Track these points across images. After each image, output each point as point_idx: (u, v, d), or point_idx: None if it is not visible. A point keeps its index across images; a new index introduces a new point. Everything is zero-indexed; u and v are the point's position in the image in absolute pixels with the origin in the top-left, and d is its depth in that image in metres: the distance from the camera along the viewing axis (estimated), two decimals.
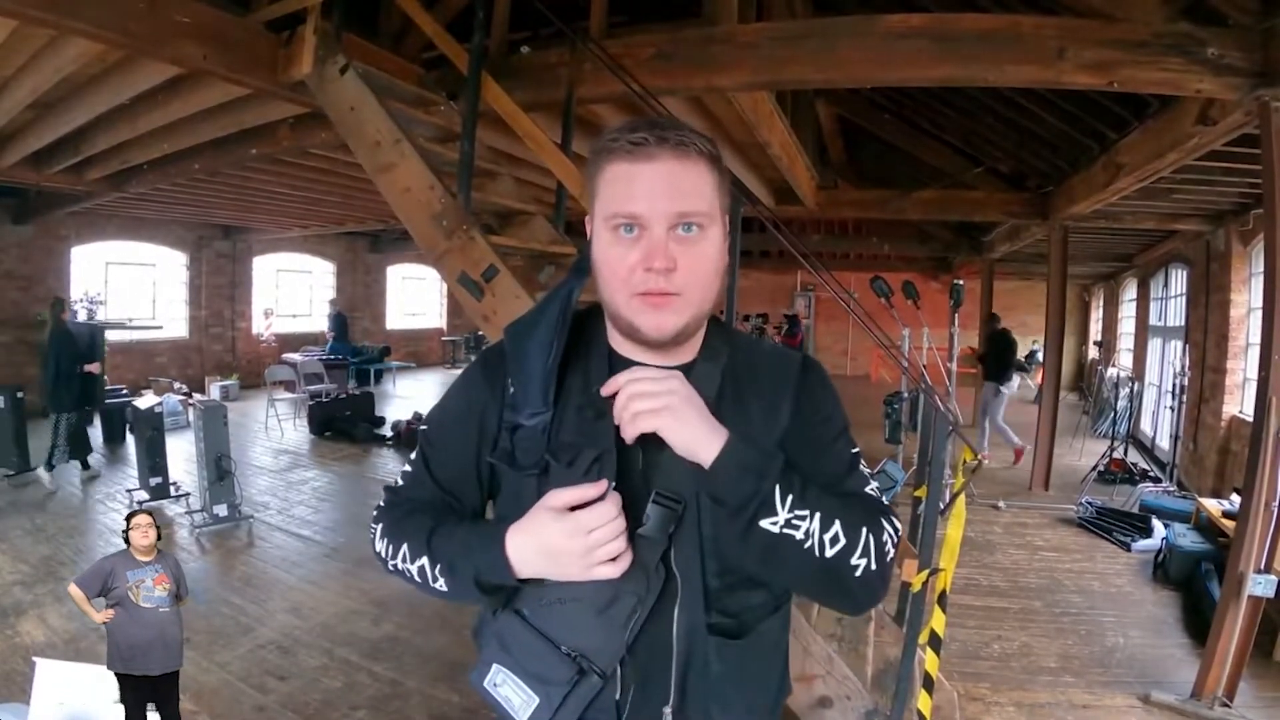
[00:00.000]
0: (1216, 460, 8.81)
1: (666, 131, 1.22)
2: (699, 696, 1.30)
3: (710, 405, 1.27)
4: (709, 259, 1.27)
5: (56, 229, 12.73)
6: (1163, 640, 5.60)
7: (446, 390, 1.53)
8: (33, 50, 5.30)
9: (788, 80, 5.20)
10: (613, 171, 1.24)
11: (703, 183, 1.25)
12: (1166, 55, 4.30)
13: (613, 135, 1.25)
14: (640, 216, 1.21)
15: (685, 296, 1.24)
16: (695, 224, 1.23)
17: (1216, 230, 8.96)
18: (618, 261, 1.24)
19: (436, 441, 1.48)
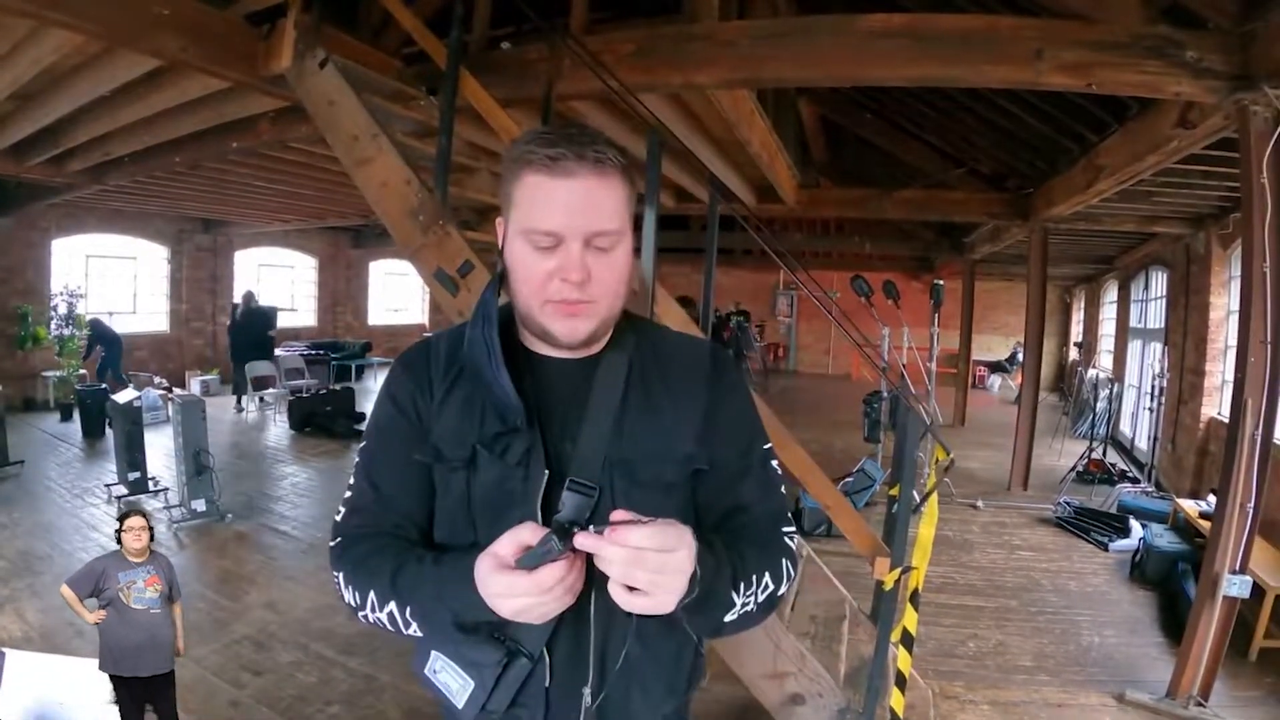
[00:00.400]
0: (1195, 461, 8.86)
1: (584, 148, 1.24)
2: (618, 677, 1.34)
3: (615, 396, 1.35)
4: (619, 269, 1.31)
5: (36, 221, 12.62)
6: (1138, 639, 5.63)
7: (374, 406, 1.52)
8: (13, 41, 5.25)
9: (767, 78, 5.21)
10: (530, 183, 1.26)
11: (617, 200, 1.28)
12: (1145, 58, 4.32)
13: (530, 147, 1.26)
14: (557, 233, 1.24)
15: (597, 304, 1.29)
16: (609, 238, 1.27)
17: (1196, 233, 9.01)
18: (533, 270, 1.27)
19: (376, 453, 1.47)
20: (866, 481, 8.56)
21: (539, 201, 1.24)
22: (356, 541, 1.40)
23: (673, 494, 1.38)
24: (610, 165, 1.26)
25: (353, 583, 1.34)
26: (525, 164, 1.25)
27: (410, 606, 1.27)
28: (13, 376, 12.01)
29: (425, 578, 1.27)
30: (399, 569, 1.29)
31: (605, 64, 4.76)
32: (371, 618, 1.31)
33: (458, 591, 1.20)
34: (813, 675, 3.36)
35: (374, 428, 1.48)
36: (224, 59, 4.71)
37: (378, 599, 1.29)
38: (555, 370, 1.40)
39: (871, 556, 4.04)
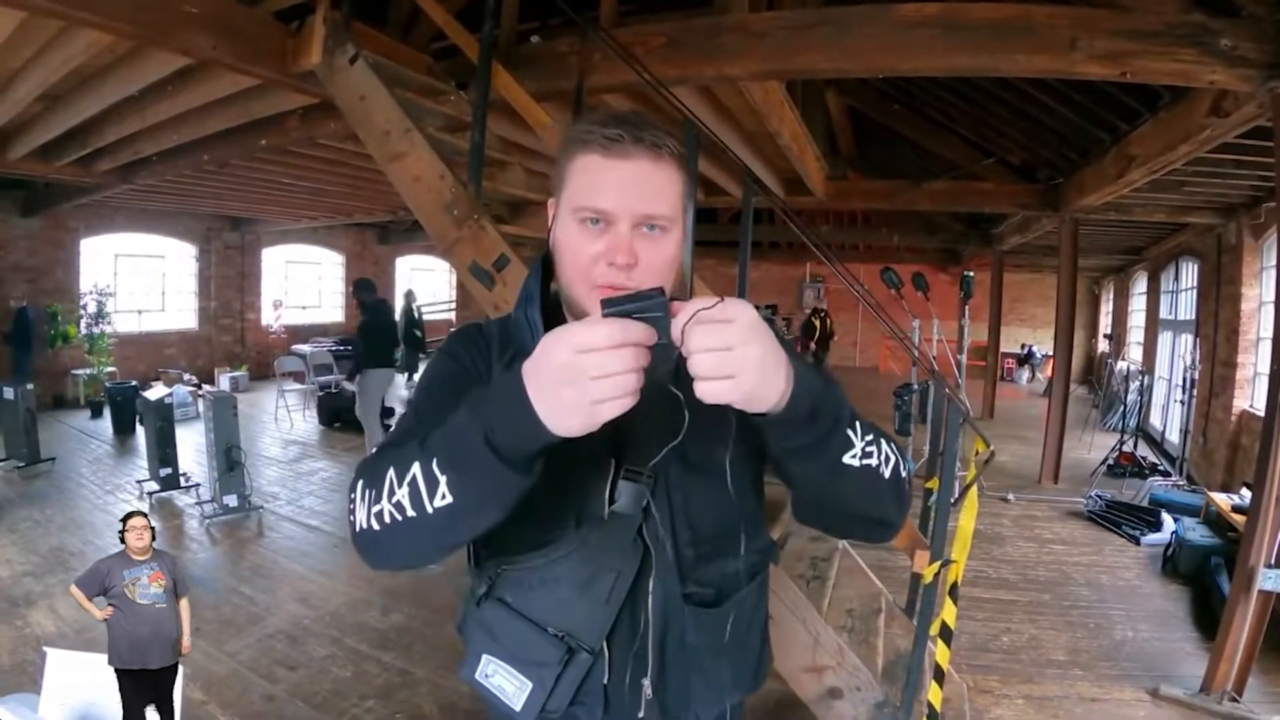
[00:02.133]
0: (1226, 454, 8.78)
1: (642, 131, 1.23)
2: (679, 668, 1.32)
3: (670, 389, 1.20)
4: (668, 258, 1.27)
5: (65, 221, 12.72)
6: (1172, 634, 5.57)
7: (425, 369, 1.47)
8: (42, 42, 5.29)
9: (798, 69, 5.18)
10: (585, 162, 1.25)
11: (671, 185, 1.26)
12: (1179, 46, 4.26)
13: (588, 127, 1.25)
14: (608, 212, 1.22)
15: None
16: (659, 225, 1.25)
17: (1228, 223, 8.91)
18: (581, 251, 1.25)
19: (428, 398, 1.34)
20: None
21: (592, 180, 1.24)
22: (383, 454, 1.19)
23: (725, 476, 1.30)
24: (668, 152, 1.25)
25: (368, 480, 1.16)
26: (581, 144, 1.25)
27: (438, 454, 1.06)
28: (43, 374, 12.09)
29: (458, 414, 1.07)
30: (429, 434, 1.10)
31: (636, 56, 4.75)
32: (388, 511, 1.10)
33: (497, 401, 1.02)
34: (851, 669, 3.35)
35: (428, 380, 1.40)
36: (253, 56, 4.73)
37: (396, 471, 1.09)
38: None
39: (910, 550, 4.01)
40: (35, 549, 6.43)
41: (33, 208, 12.02)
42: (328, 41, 4.61)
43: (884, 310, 4.66)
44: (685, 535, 1.31)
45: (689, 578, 1.31)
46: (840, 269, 4.63)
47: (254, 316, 16.42)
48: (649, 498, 1.27)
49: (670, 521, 1.30)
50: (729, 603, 1.35)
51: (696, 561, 1.31)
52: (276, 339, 16.54)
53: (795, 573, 3.86)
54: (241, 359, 15.74)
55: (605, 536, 1.27)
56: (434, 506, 1.06)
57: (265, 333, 16.63)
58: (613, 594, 1.27)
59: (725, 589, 1.35)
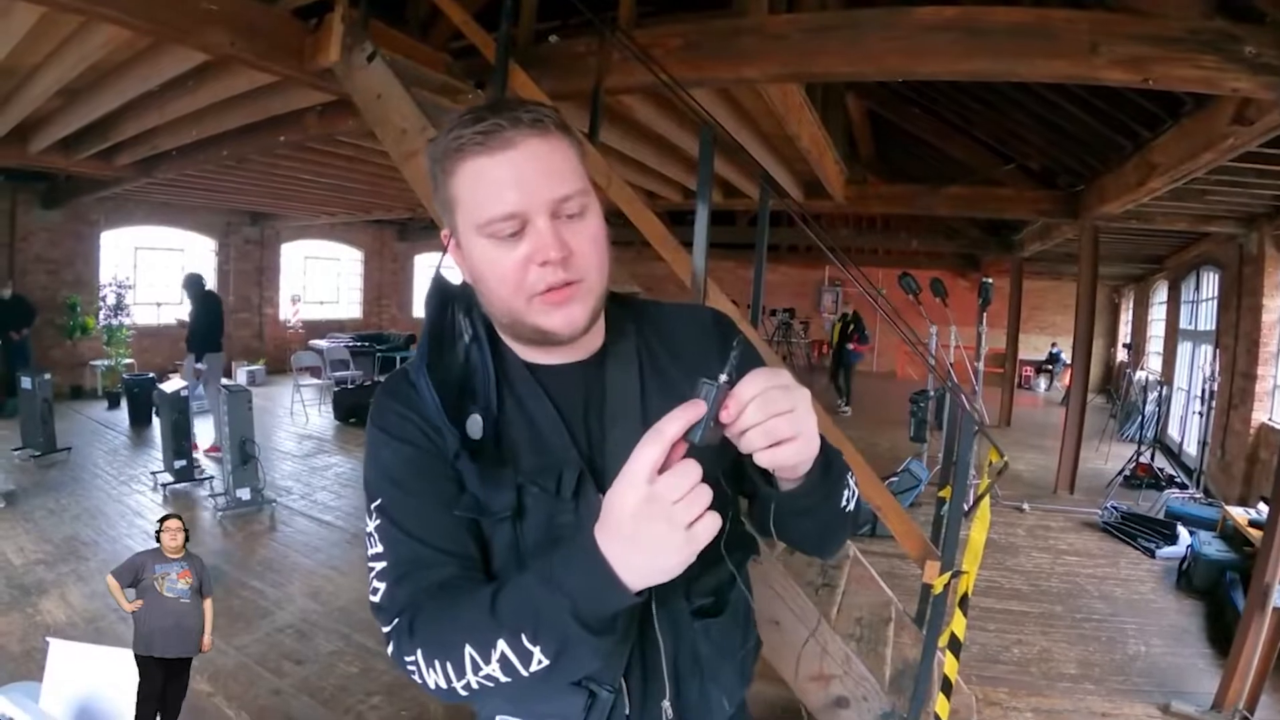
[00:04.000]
0: (1244, 468, 8.69)
1: (516, 110, 1.11)
2: (694, 681, 1.28)
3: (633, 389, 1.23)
4: (599, 237, 1.17)
5: (86, 214, 12.85)
6: (1184, 649, 5.51)
7: (370, 450, 1.25)
8: (62, 36, 5.34)
9: (817, 72, 5.15)
10: (470, 170, 1.11)
11: (569, 159, 1.14)
12: (1202, 52, 4.20)
13: (454, 134, 1.12)
14: (520, 213, 1.09)
15: (586, 282, 1.15)
16: (576, 205, 1.13)
17: (1249, 233, 8.81)
18: (504, 267, 1.12)
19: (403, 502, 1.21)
20: (911, 482, 8.47)
21: (486, 187, 1.10)
22: (422, 607, 1.12)
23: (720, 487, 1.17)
24: (550, 123, 1.13)
25: (438, 652, 1.07)
26: (456, 153, 1.12)
27: (524, 629, 1.00)
28: (61, 365, 12.22)
29: (525, 585, 1.03)
30: (495, 595, 1.04)
31: (654, 58, 4.74)
32: (476, 682, 1.04)
33: (573, 570, 0.98)
34: (858, 679, 3.32)
35: (386, 477, 1.22)
36: (272, 53, 4.74)
37: (477, 649, 1.02)
38: (561, 380, 1.25)
39: (921, 560, 3.97)
40: (49, 538, 6.47)
41: (54, 200, 12.15)
42: (345, 39, 4.62)
43: (901, 316, 4.63)
44: None
45: (693, 591, 1.27)
46: (857, 274, 4.60)
47: (272, 311, 16.53)
48: None
49: None
50: (729, 606, 1.32)
51: (701, 573, 1.24)
52: (294, 334, 16.64)
53: (805, 579, 3.83)
54: (259, 353, 15.83)
55: None
56: (530, 672, 1.01)
57: (283, 327, 16.72)
58: (628, 627, 1.18)
59: (722, 594, 1.32)
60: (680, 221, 10.10)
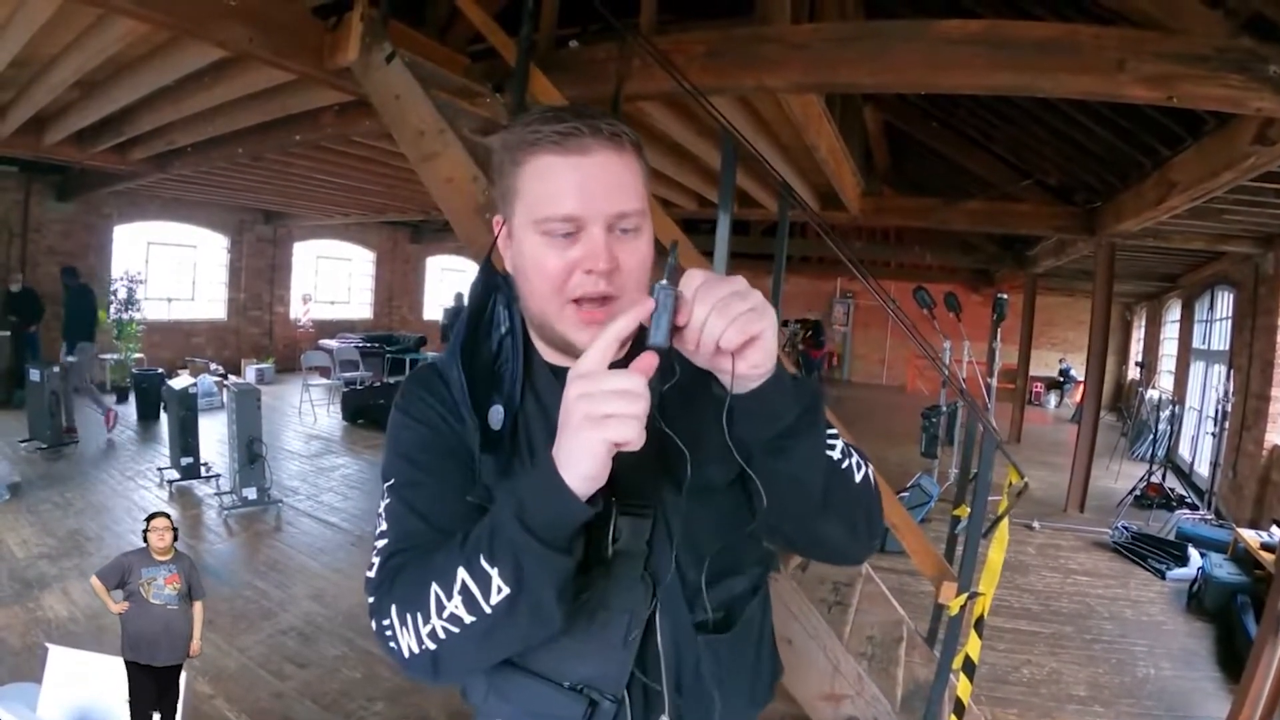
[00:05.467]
0: (1256, 489, 8.61)
1: (598, 120, 1.12)
2: (696, 698, 1.24)
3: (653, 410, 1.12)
4: (646, 258, 1.18)
5: (99, 207, 12.88)
6: (1194, 673, 5.45)
7: (390, 433, 1.30)
8: (79, 29, 5.34)
9: (839, 83, 5.13)
10: (539, 166, 1.13)
11: (637, 177, 1.16)
12: (1228, 71, 4.15)
13: (533, 126, 1.13)
14: (578, 217, 1.11)
15: (622, 299, 1.14)
16: (633, 224, 1.14)
17: (1266, 253, 8.76)
18: (550, 266, 1.13)
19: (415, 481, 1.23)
20: (923, 498, 8.42)
21: (552, 184, 1.11)
22: (404, 568, 1.13)
23: (721, 495, 1.22)
24: (627, 140, 1.15)
25: (409, 603, 1.08)
26: (529, 146, 1.13)
27: (481, 548, 1.02)
28: None
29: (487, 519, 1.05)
30: (463, 539, 1.06)
31: (675, 64, 4.71)
32: (441, 626, 1.04)
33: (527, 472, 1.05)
34: (870, 699, 3.28)
35: (402, 457, 1.25)
36: (290, 51, 4.73)
37: (441, 584, 1.04)
38: None
39: (936, 579, 3.93)
40: (53, 531, 6.45)
41: (68, 192, 12.18)
42: (364, 39, 4.60)
43: (917, 329, 4.59)
44: (689, 558, 1.21)
45: (697, 604, 1.23)
46: (874, 286, 4.56)
47: (283, 310, 16.58)
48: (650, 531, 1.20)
49: (672, 550, 1.19)
50: (740, 623, 1.27)
51: (707, 584, 1.22)
52: (304, 333, 16.65)
53: (817, 597, 3.80)
54: (269, 351, 15.87)
55: (612, 578, 1.19)
56: (492, 604, 1.01)
57: (293, 326, 16.76)
58: (629, 636, 1.19)
59: (734, 609, 1.27)
60: (695, 230, 10.05)
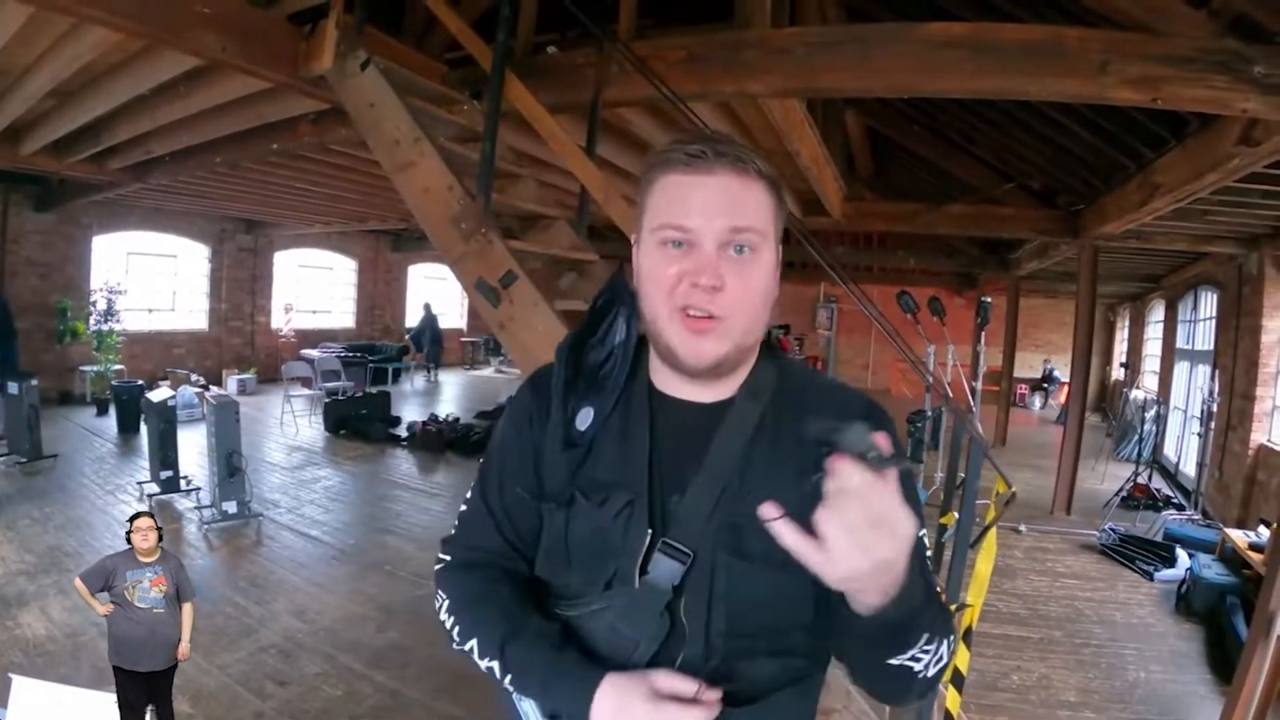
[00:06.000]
0: (1242, 489, 8.65)
1: (725, 146, 1.16)
2: None
3: (734, 455, 1.20)
4: (759, 283, 1.18)
5: (78, 217, 12.76)
6: (1185, 676, 5.44)
7: (497, 429, 1.44)
8: (53, 37, 5.27)
9: (822, 87, 5.07)
10: (666, 183, 1.19)
11: (759, 203, 1.18)
12: (1213, 72, 4.13)
13: (667, 148, 1.19)
14: (692, 230, 1.15)
15: (728, 322, 1.16)
16: (748, 244, 1.16)
17: (1250, 254, 8.79)
18: (662, 273, 1.17)
19: (491, 472, 1.40)
20: None
21: (673, 198, 1.17)
22: (466, 569, 1.36)
23: (781, 572, 1.11)
24: (752, 168, 1.17)
25: (457, 620, 1.31)
26: (662, 165, 1.19)
27: (512, 677, 1.23)
28: (51, 370, 12.14)
29: (535, 663, 1.21)
30: (509, 635, 1.24)
31: (655, 70, 4.66)
32: (466, 652, 1.28)
33: (566, 695, 1.18)
34: (857, 714, 3.23)
35: (494, 445, 1.42)
36: (265, 59, 4.66)
37: (479, 650, 1.26)
38: (680, 414, 1.28)
39: None
40: (31, 547, 6.37)
41: (47, 203, 12.10)
42: (340, 46, 4.53)
43: (899, 335, 4.55)
44: (719, 624, 1.18)
45: (715, 667, 1.18)
46: (856, 291, 4.52)
47: (264, 320, 16.49)
48: (683, 577, 1.18)
49: (707, 606, 1.18)
50: (762, 703, 1.20)
51: (727, 655, 1.19)
52: (286, 343, 16.57)
53: None
54: (250, 362, 15.76)
55: (631, 604, 1.20)
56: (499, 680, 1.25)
57: (275, 336, 16.65)
58: (632, 658, 1.19)
59: (759, 688, 1.21)
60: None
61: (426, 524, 7.81)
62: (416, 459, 10.77)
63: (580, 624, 1.25)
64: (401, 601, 5.77)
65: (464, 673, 4.62)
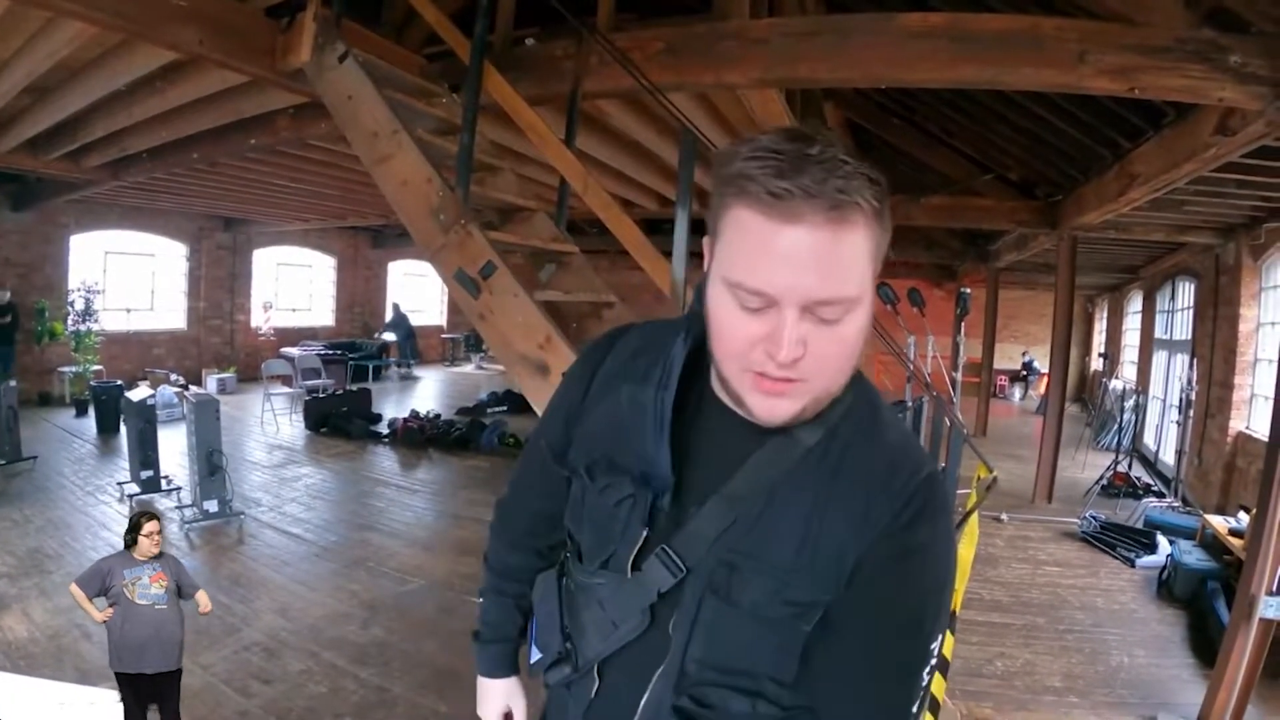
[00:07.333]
0: (1221, 476, 8.73)
1: (824, 184, 0.93)
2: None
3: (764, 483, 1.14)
4: (848, 344, 1.03)
5: (56, 216, 12.66)
6: (1168, 660, 5.48)
7: None
8: (28, 33, 5.24)
9: (800, 78, 5.06)
10: (743, 222, 0.98)
11: (858, 256, 0.99)
12: (1189, 62, 4.16)
13: (752, 165, 0.96)
14: (772, 296, 0.97)
15: (810, 383, 1.04)
16: (837, 313, 0.99)
17: (1226, 243, 8.87)
18: (735, 332, 1.03)
19: (540, 432, 1.46)
20: None
21: (749, 247, 0.98)
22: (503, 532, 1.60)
23: (765, 627, 1.13)
24: (854, 207, 0.95)
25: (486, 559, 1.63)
26: (739, 192, 0.98)
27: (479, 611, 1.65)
28: (29, 371, 12.07)
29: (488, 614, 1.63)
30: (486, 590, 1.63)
31: (634, 62, 4.66)
32: None
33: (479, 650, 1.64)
34: None
35: (548, 405, 1.47)
36: (242, 53, 4.65)
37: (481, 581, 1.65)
38: (728, 425, 1.17)
39: None
40: (12, 550, 6.31)
41: (23, 202, 11.97)
42: (318, 39, 4.51)
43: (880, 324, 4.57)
44: (697, 652, 1.17)
45: (686, 690, 1.17)
46: None
47: (244, 318, 16.39)
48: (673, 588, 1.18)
49: (689, 630, 1.16)
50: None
51: (700, 681, 1.17)
52: (265, 341, 16.48)
53: None
54: (230, 361, 15.66)
55: (619, 590, 1.23)
56: None
57: (254, 335, 16.56)
58: (609, 640, 1.25)
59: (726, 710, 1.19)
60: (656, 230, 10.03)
61: (409, 520, 7.79)
62: (398, 456, 10.75)
63: (580, 589, 1.30)
64: (385, 598, 5.77)
65: (448, 668, 4.66)
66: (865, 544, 1.10)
